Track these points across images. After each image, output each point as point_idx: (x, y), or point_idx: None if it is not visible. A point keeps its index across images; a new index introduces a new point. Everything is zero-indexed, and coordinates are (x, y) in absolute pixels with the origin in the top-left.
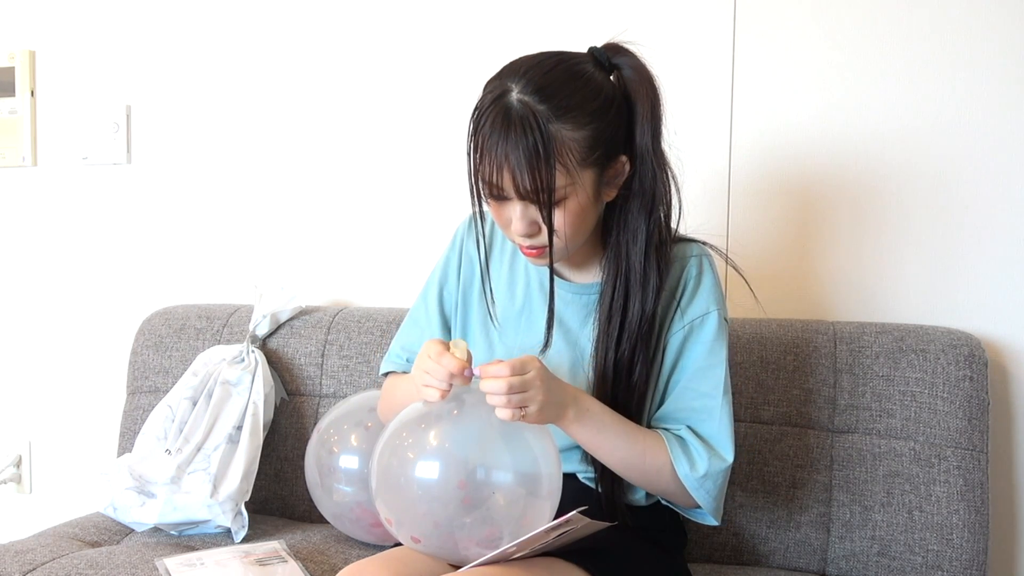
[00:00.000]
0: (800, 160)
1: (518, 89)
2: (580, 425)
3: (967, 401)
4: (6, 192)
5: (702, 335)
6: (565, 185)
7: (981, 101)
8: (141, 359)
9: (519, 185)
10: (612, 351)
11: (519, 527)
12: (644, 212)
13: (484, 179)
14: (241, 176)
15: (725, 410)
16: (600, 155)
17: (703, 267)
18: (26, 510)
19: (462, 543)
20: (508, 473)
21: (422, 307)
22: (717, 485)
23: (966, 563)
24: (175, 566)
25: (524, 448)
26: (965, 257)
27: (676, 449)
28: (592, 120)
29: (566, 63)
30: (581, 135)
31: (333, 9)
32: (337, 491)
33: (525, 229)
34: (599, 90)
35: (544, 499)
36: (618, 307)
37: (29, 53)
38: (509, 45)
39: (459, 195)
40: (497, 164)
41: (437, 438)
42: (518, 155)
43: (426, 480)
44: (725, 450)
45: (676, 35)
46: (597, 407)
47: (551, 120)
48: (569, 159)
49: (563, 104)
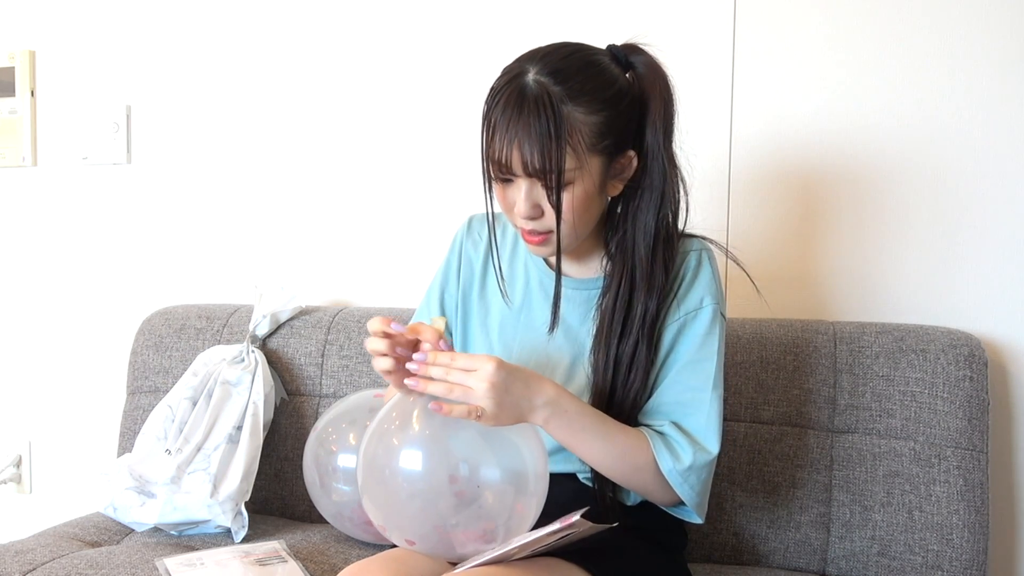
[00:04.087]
0: (800, 160)
1: (535, 71)
2: (556, 425)
3: (967, 401)
4: (6, 192)
5: (695, 328)
6: (573, 168)
7: (981, 101)
8: (141, 359)
9: (527, 162)
10: (614, 347)
11: (510, 522)
12: (654, 209)
13: (494, 159)
14: (241, 176)
15: (714, 405)
16: (609, 144)
17: (702, 261)
18: (26, 510)
19: (457, 540)
20: (494, 470)
21: (426, 309)
22: (701, 480)
23: (966, 563)
24: (175, 566)
25: (508, 445)
26: (965, 257)
27: (659, 445)
28: (605, 107)
29: (583, 52)
30: (593, 120)
31: (333, 9)
32: (336, 490)
33: (528, 211)
34: (613, 80)
35: (530, 496)
36: (623, 303)
37: (29, 53)
38: (509, 45)
39: (459, 195)
40: (508, 140)
41: (421, 435)
42: (529, 132)
43: (412, 475)
44: (710, 443)
45: (676, 34)
46: (575, 407)
47: (565, 101)
48: (579, 142)
49: (578, 88)
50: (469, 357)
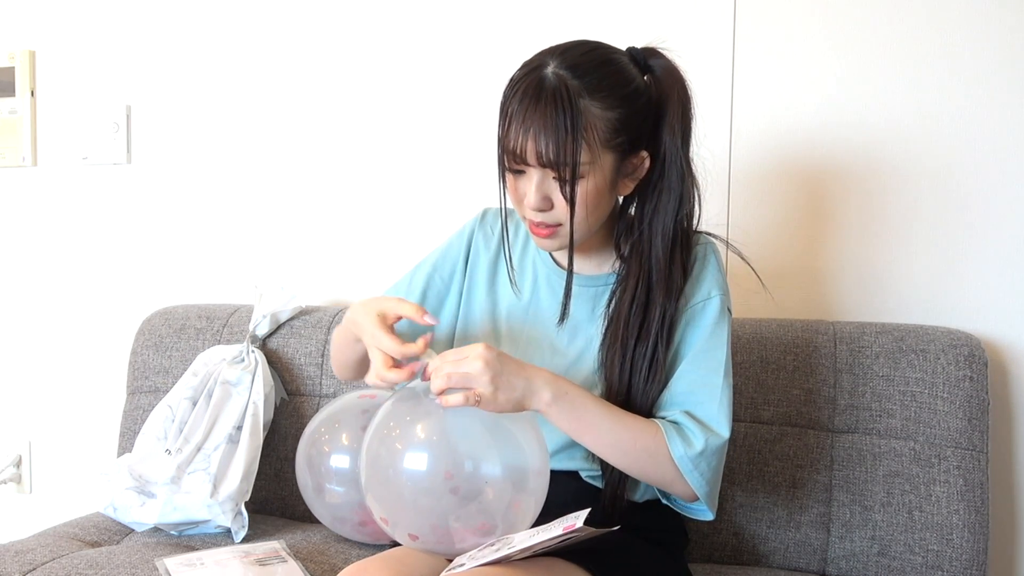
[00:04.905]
0: (799, 160)
1: (554, 65)
2: (559, 410)
3: (967, 401)
4: (6, 192)
5: (703, 319)
6: (586, 163)
7: (982, 100)
8: (141, 359)
9: (542, 153)
10: (630, 349)
11: (507, 519)
12: (672, 212)
13: (509, 148)
14: (241, 176)
15: (725, 392)
16: (623, 142)
17: (707, 255)
18: (26, 510)
19: (458, 535)
20: (496, 466)
21: (407, 282)
22: (711, 467)
23: (966, 563)
24: (175, 566)
25: (510, 441)
26: (965, 257)
27: (671, 432)
28: (621, 104)
29: (603, 50)
30: (609, 116)
31: (333, 9)
32: (330, 492)
33: (538, 203)
34: (631, 79)
35: (529, 494)
36: (640, 306)
37: (29, 53)
38: (510, 46)
39: (460, 195)
40: (524, 130)
41: (424, 431)
42: (546, 123)
43: (415, 473)
44: (721, 428)
45: (676, 31)
46: (577, 391)
47: (582, 95)
48: (594, 137)
49: (596, 83)
50: (457, 350)
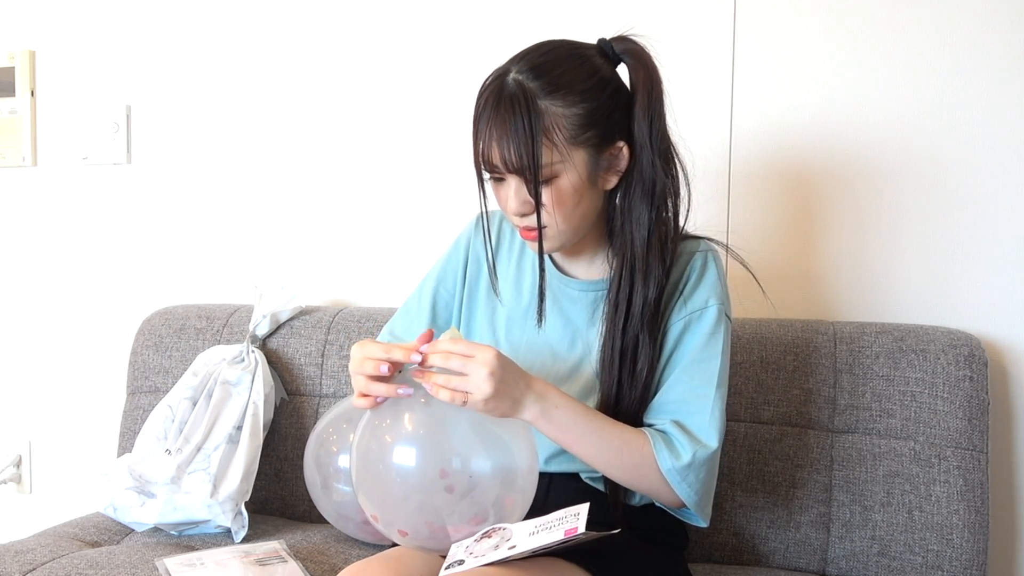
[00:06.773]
0: (799, 159)
1: (516, 70)
2: (547, 422)
3: (967, 401)
4: (6, 192)
5: (700, 327)
6: (554, 162)
7: (982, 99)
8: (141, 359)
9: (507, 160)
10: (619, 340)
11: (499, 515)
12: (646, 201)
13: (481, 157)
14: (241, 176)
15: (717, 404)
16: (592, 136)
17: (707, 261)
18: (26, 510)
19: (449, 533)
20: (484, 462)
21: (416, 299)
22: (700, 478)
23: (966, 563)
24: (175, 566)
25: (497, 441)
26: (965, 257)
27: (659, 443)
28: (584, 99)
29: (566, 46)
30: (572, 112)
31: (333, 9)
32: (337, 491)
33: (518, 208)
34: (594, 71)
35: (518, 492)
36: (624, 296)
37: (29, 53)
38: (509, 45)
39: (459, 195)
40: (488, 139)
41: (413, 431)
42: (506, 129)
43: (404, 468)
44: (710, 439)
45: (676, 29)
46: (567, 403)
47: (541, 96)
48: (557, 135)
49: (555, 82)
50: (470, 344)
